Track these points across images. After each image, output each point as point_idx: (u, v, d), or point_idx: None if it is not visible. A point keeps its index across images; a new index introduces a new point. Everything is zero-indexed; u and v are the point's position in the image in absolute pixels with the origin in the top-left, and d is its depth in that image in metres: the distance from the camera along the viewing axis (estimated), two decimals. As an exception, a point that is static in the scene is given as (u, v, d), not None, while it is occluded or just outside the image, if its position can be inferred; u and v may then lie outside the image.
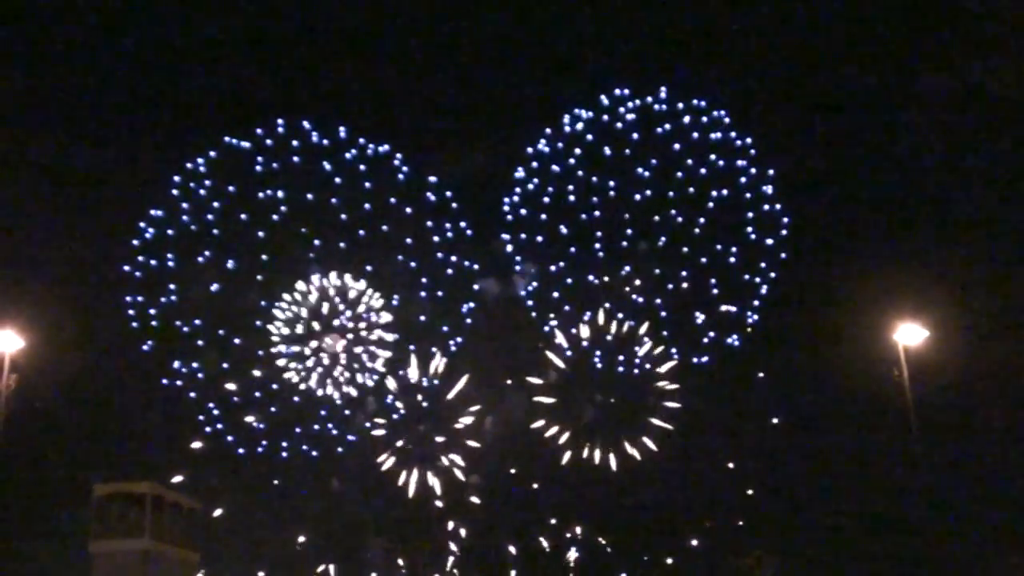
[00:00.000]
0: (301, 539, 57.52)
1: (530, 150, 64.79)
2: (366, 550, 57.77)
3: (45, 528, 45.32)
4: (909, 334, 36.61)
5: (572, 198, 63.79)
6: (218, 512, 54.95)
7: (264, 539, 56.02)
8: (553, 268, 63.17)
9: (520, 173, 64.54)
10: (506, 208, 64.16)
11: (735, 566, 57.02)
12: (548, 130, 64.88)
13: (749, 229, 63.09)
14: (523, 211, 63.96)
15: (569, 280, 63.02)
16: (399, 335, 61.27)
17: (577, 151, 64.49)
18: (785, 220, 62.87)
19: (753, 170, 63.46)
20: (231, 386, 58.72)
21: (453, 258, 62.50)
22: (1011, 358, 46.27)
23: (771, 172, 63.30)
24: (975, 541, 45.62)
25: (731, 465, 59.63)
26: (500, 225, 63.58)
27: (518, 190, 64.27)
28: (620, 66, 67.54)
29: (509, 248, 63.46)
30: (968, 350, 45.43)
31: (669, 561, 59.87)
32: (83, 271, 56.43)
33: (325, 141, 62.21)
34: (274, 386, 59.27)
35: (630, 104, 64.64)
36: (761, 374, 60.65)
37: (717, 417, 59.84)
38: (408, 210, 62.09)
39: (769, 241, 62.86)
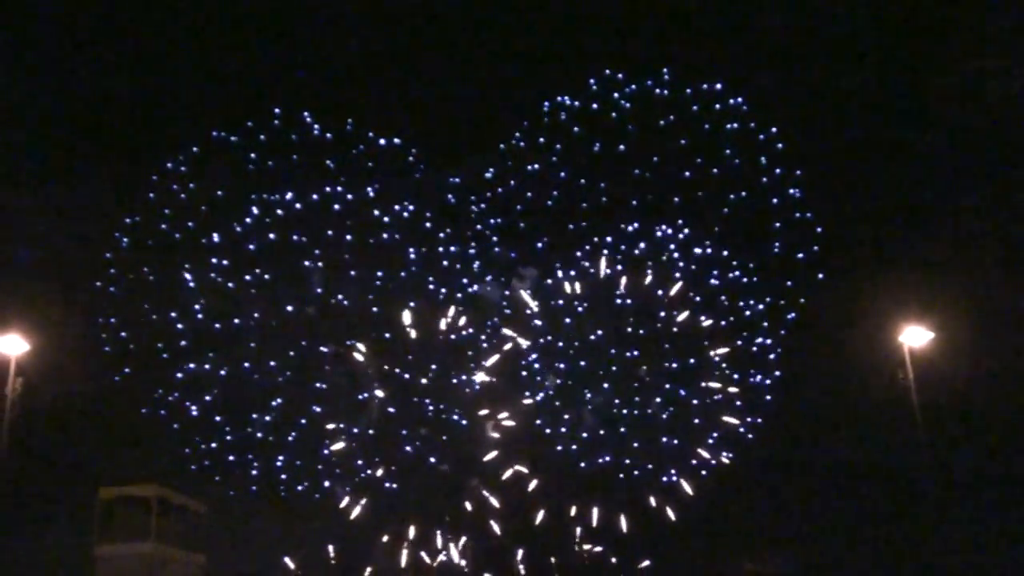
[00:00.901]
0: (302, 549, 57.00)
1: (503, 146, 54.26)
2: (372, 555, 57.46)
3: (50, 531, 45.27)
4: (914, 336, 36.95)
5: (552, 203, 53.94)
6: (224, 514, 54.31)
7: (267, 544, 55.55)
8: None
9: (490, 173, 54.47)
10: (473, 215, 54.24)
11: (735, 568, 56.99)
12: (525, 122, 54.24)
13: (774, 243, 53.21)
14: (493, 219, 54.30)
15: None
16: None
17: (559, 147, 53.96)
18: (819, 231, 53.00)
19: (778, 170, 53.35)
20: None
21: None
22: (1018, 360, 46.45)
23: (799, 172, 53.32)
24: (979, 544, 45.66)
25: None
26: (460, 238, 54.10)
27: (488, 194, 54.32)
28: (613, 43, 57.25)
29: (476, 264, 54.16)
30: (974, 352, 45.49)
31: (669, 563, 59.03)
32: (83, 274, 55.35)
33: (328, 135, 54.01)
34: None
35: (626, 89, 53.82)
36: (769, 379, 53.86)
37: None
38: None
39: (799, 256, 53.11)
